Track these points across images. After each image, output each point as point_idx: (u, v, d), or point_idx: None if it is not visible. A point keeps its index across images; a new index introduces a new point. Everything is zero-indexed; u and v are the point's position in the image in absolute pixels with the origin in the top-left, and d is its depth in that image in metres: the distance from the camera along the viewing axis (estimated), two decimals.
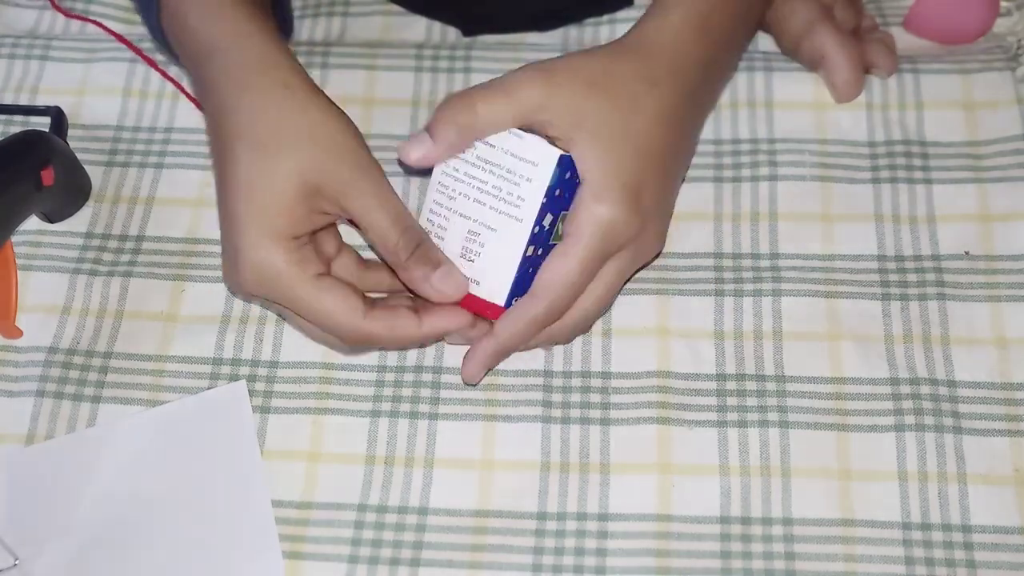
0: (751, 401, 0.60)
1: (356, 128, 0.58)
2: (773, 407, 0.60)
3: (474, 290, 0.58)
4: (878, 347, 0.62)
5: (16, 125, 0.71)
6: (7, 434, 0.61)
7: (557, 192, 0.57)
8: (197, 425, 0.61)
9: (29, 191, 0.63)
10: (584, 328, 0.61)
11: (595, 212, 0.56)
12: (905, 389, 0.60)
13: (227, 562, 0.57)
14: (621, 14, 0.74)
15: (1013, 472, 0.58)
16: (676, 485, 0.59)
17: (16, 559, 0.57)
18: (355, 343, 0.58)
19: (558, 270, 0.57)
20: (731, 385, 0.61)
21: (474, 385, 0.62)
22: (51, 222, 0.67)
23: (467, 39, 0.74)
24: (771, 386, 0.61)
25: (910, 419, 0.59)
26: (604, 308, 0.60)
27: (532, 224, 0.56)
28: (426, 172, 0.59)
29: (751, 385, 0.61)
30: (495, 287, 0.58)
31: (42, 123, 0.69)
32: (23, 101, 0.72)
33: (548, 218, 0.57)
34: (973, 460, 0.58)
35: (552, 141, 0.57)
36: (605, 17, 0.74)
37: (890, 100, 0.69)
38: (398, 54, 0.73)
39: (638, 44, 0.59)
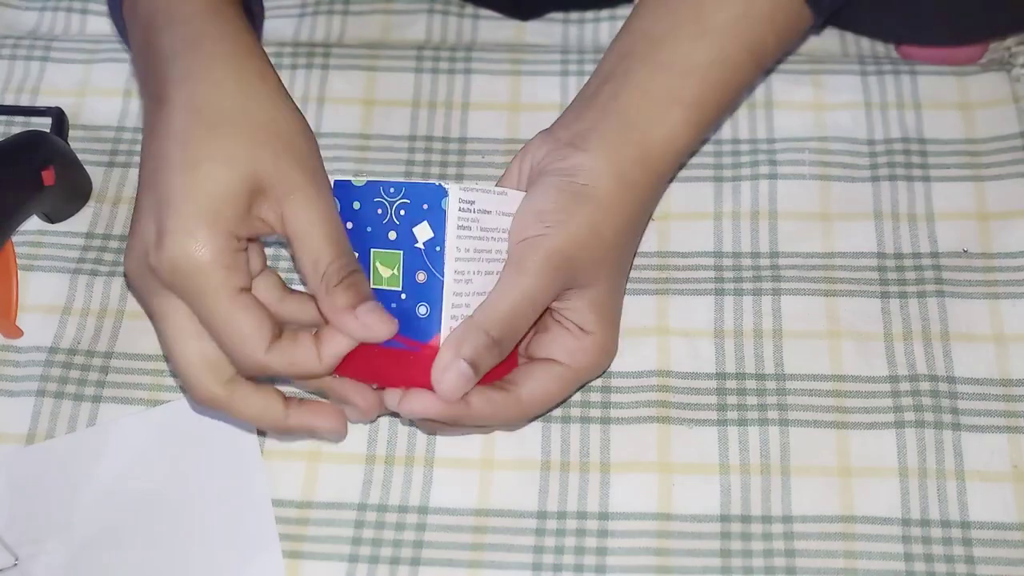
0: (751, 400, 0.60)
1: (314, 137, 0.55)
2: (773, 405, 0.60)
3: None
4: (877, 345, 0.62)
5: (17, 126, 0.71)
6: (7, 434, 0.61)
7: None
8: (197, 425, 0.61)
9: (30, 191, 0.63)
10: (526, 420, 0.60)
11: (599, 348, 0.56)
12: (904, 386, 0.60)
13: (227, 561, 0.57)
14: (621, 11, 0.74)
15: (1011, 468, 0.58)
16: (676, 484, 0.59)
17: (16, 559, 0.57)
18: (248, 373, 0.53)
19: (545, 387, 0.56)
20: (731, 384, 0.61)
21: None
22: (52, 222, 0.67)
23: (467, 39, 0.74)
24: (771, 384, 0.61)
25: (909, 416, 0.59)
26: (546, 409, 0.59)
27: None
28: None
29: (751, 384, 0.61)
30: None
31: (43, 124, 0.69)
32: (24, 102, 0.72)
33: None
34: (972, 457, 0.58)
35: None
36: (605, 13, 0.74)
37: (888, 99, 0.69)
38: (398, 55, 0.73)
39: (630, 188, 0.56)
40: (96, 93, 0.72)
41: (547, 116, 0.69)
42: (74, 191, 0.67)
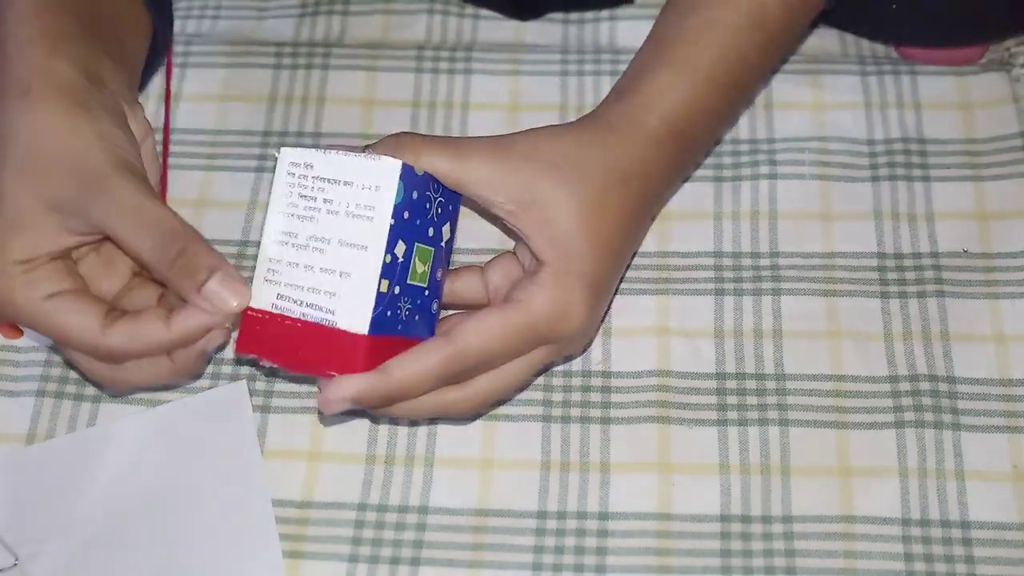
0: (751, 400, 0.60)
1: (117, 129, 0.53)
2: (773, 405, 0.60)
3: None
4: (877, 345, 0.62)
5: None
6: (7, 434, 0.61)
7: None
8: (197, 425, 0.61)
9: None
10: (489, 407, 0.58)
11: (556, 294, 0.52)
12: (904, 386, 0.60)
13: (227, 562, 0.57)
14: (621, 11, 0.74)
15: (1011, 468, 0.58)
16: (676, 484, 0.59)
17: (16, 559, 0.57)
18: (105, 360, 0.53)
19: (486, 325, 0.52)
20: (731, 384, 0.61)
21: (325, 420, 0.59)
22: None
23: (467, 39, 0.74)
24: (771, 384, 0.61)
25: (909, 416, 0.59)
26: (514, 392, 0.57)
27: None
28: None
29: (751, 384, 0.61)
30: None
31: None
32: None
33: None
34: (972, 457, 0.58)
35: (503, 222, 0.54)
36: (605, 13, 0.74)
37: (888, 99, 0.70)
38: (398, 55, 0.73)
39: (610, 133, 0.55)
40: None
41: (547, 116, 0.69)
42: None
